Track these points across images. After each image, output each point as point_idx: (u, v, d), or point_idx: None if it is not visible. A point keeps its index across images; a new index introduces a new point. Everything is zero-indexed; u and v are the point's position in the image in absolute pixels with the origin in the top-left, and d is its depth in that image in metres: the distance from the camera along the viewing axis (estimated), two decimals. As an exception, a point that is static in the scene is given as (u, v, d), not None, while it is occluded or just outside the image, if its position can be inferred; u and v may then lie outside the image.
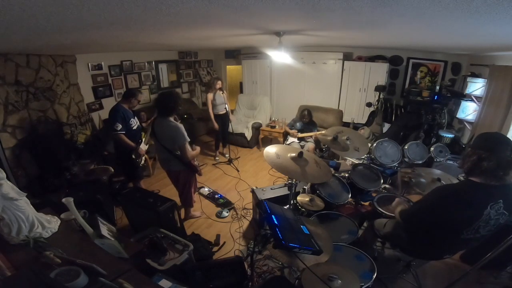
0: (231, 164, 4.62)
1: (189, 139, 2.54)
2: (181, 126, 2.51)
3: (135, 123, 3.09)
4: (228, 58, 6.72)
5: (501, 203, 1.37)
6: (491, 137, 1.48)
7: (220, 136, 4.71)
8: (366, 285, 1.57)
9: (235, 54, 6.59)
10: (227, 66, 7.07)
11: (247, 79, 6.22)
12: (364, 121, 5.05)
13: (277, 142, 4.96)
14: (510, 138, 1.48)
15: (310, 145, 4.28)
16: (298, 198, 2.44)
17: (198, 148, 2.79)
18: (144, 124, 3.36)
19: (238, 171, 4.41)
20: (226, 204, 3.42)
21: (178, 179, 2.81)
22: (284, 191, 2.76)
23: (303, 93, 5.62)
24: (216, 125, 4.43)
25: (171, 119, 2.55)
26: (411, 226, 1.74)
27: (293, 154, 2.01)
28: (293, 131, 4.47)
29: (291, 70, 5.36)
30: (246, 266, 2.04)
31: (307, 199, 2.42)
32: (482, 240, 1.56)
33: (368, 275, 1.64)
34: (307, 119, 4.49)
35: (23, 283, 1.07)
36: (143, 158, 3.33)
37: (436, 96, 3.95)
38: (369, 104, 4.79)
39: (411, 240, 1.74)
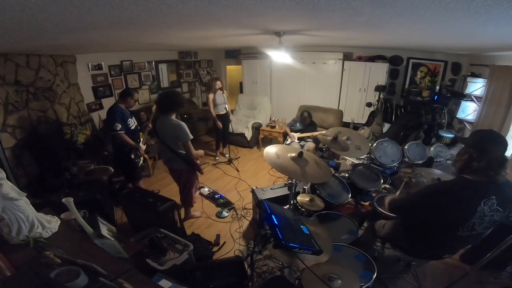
0: (231, 164, 4.62)
1: (192, 137, 2.55)
2: (183, 124, 2.53)
3: (133, 123, 3.08)
4: (228, 58, 6.72)
5: (493, 199, 1.36)
6: (485, 136, 1.47)
7: (221, 136, 4.72)
8: (366, 285, 1.57)
9: (235, 54, 6.59)
10: (227, 66, 7.07)
11: (247, 79, 6.22)
12: (364, 121, 5.05)
13: (277, 142, 4.96)
14: (510, 138, 1.48)
15: (310, 145, 4.28)
16: (298, 198, 2.44)
17: (202, 152, 2.80)
18: (150, 125, 3.34)
19: (238, 171, 4.41)
20: (226, 204, 3.42)
21: (180, 178, 2.81)
22: (284, 191, 2.76)
23: (303, 93, 5.62)
24: (220, 124, 4.46)
25: (173, 117, 2.56)
26: (407, 223, 1.74)
27: (293, 154, 2.01)
28: (292, 134, 4.46)
29: (291, 70, 5.35)
30: (246, 266, 2.04)
31: (307, 199, 2.42)
32: (480, 238, 1.56)
33: (368, 275, 1.64)
34: (307, 121, 4.49)
35: (23, 283, 1.07)
36: (142, 158, 3.33)
37: (436, 96, 3.95)
38: (369, 104, 4.79)
39: (409, 239, 1.74)
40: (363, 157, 3.09)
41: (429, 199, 1.50)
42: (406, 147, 3.05)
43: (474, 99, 3.72)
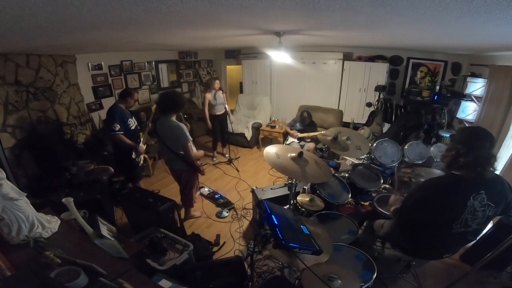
0: (231, 164, 4.62)
1: (191, 138, 2.56)
2: (183, 126, 2.53)
3: (133, 123, 3.09)
4: (228, 58, 6.72)
5: (483, 194, 1.37)
6: (472, 132, 1.48)
7: (219, 136, 4.71)
8: (366, 285, 1.57)
9: (235, 54, 6.59)
10: (227, 66, 7.07)
11: (247, 79, 6.22)
12: (364, 121, 5.05)
13: (277, 142, 4.96)
14: (510, 137, 1.48)
15: (310, 145, 4.28)
16: (298, 198, 2.44)
17: (202, 152, 2.81)
18: (150, 124, 3.35)
19: (238, 171, 4.41)
20: (226, 204, 3.42)
21: (180, 178, 2.82)
22: (284, 191, 2.76)
23: (303, 93, 5.62)
24: (209, 124, 4.44)
25: (173, 118, 2.56)
26: (404, 223, 1.74)
27: (293, 154, 2.01)
28: (293, 132, 4.47)
29: (291, 70, 5.35)
30: (246, 266, 2.04)
31: (307, 199, 2.42)
32: (477, 235, 1.56)
33: (368, 275, 1.64)
34: (307, 121, 4.49)
35: (23, 283, 1.07)
36: (142, 157, 3.33)
37: (436, 96, 3.95)
38: (369, 104, 4.78)
39: (407, 239, 1.74)
40: (363, 157, 3.09)
41: (423, 198, 1.50)
42: (406, 147, 3.05)
43: (474, 99, 3.71)
